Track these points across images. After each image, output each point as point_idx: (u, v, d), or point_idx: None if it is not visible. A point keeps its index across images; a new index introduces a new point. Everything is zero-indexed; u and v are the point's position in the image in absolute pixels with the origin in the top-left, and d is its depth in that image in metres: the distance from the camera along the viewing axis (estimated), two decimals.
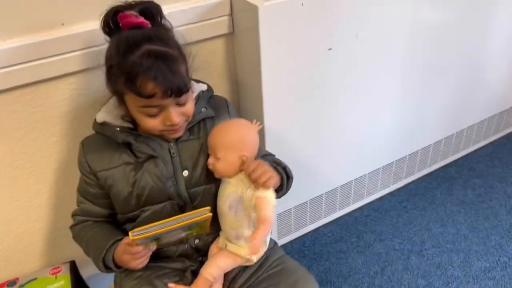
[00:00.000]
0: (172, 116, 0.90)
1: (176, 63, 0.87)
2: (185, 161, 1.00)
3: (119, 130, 0.96)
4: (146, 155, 0.97)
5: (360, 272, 1.58)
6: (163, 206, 1.00)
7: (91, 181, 1.01)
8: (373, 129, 1.65)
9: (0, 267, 1.22)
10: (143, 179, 0.97)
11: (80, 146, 1.02)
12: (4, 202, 1.14)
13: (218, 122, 1.04)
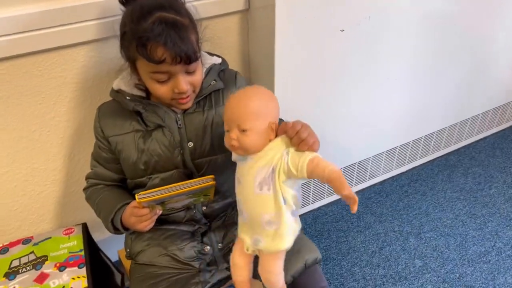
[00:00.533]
0: (181, 83, 0.93)
1: (186, 31, 0.89)
2: (190, 132, 1.03)
3: (129, 99, 1.00)
4: (155, 124, 1.01)
5: (359, 250, 1.63)
6: (170, 174, 1.04)
7: (103, 145, 1.05)
8: (379, 113, 1.69)
9: (15, 226, 1.27)
10: (151, 146, 1.01)
11: (97, 111, 1.06)
12: (21, 164, 1.19)
13: (225, 94, 1.06)
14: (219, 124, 1.05)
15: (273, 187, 0.87)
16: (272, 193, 0.87)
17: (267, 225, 0.89)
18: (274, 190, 0.87)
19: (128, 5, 0.94)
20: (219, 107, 1.05)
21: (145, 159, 1.02)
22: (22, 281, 1.07)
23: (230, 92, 1.06)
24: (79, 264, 1.11)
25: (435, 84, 1.78)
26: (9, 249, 1.15)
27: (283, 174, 0.86)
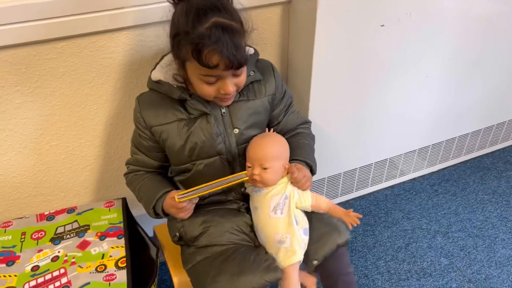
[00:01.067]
0: (228, 86, 0.98)
1: (239, 37, 0.93)
2: (235, 120, 1.09)
3: (176, 87, 1.04)
4: (199, 111, 1.06)
5: (385, 245, 1.65)
6: (213, 160, 1.10)
7: (145, 135, 1.10)
8: (414, 110, 1.69)
9: (60, 197, 1.36)
10: (195, 134, 1.06)
11: (136, 102, 1.10)
12: (70, 138, 1.27)
13: (265, 85, 1.12)
14: (261, 112, 1.13)
15: (287, 211, 1.06)
16: (286, 216, 1.06)
17: (280, 244, 1.06)
18: (287, 214, 1.06)
19: (179, 5, 0.95)
20: (261, 97, 1.12)
21: (190, 146, 1.07)
22: (66, 246, 1.15)
23: (270, 83, 1.13)
24: (118, 235, 1.18)
25: (473, 85, 1.76)
26: (55, 216, 1.24)
27: (294, 199, 1.08)
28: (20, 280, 1.06)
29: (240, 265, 1.04)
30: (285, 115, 1.21)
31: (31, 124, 1.19)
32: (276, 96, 1.16)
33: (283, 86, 1.19)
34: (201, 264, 1.09)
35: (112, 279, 1.06)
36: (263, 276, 1.01)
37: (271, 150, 1.08)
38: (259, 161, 1.06)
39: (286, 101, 1.20)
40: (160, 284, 1.52)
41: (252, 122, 1.11)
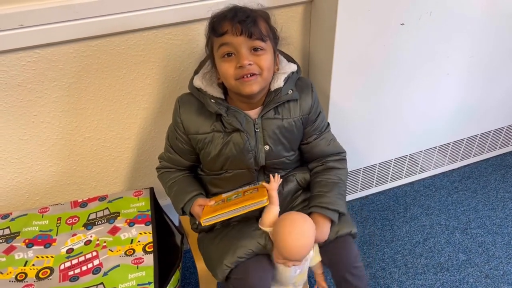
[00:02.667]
0: (243, 56, 1.00)
1: (255, 15, 1.01)
2: (267, 137, 1.12)
3: (214, 102, 1.08)
4: (233, 127, 1.09)
5: (403, 239, 1.68)
6: (242, 172, 1.15)
7: (182, 138, 1.15)
8: (435, 108, 1.71)
9: (92, 186, 1.44)
10: (228, 147, 1.11)
11: (177, 104, 1.14)
12: (102, 131, 1.35)
13: (300, 104, 1.14)
14: (293, 131, 1.15)
15: (304, 270, 1.15)
16: (303, 273, 1.15)
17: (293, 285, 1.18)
18: (304, 271, 1.15)
19: None
20: (296, 117, 1.14)
21: (222, 158, 1.13)
22: (98, 231, 1.23)
23: (306, 102, 1.14)
24: (146, 222, 1.26)
25: (495, 82, 1.76)
26: (88, 204, 1.32)
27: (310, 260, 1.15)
28: (57, 261, 1.15)
29: (242, 231, 1.12)
30: (317, 138, 1.20)
31: (67, 117, 1.27)
32: (310, 116, 1.16)
33: (319, 107, 1.19)
34: (209, 238, 1.18)
35: (140, 263, 1.13)
36: (261, 240, 1.09)
37: (307, 250, 1.06)
38: (287, 259, 1.06)
39: (319, 123, 1.19)
40: (184, 270, 1.59)
41: (283, 140, 1.15)
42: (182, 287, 1.54)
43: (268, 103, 1.10)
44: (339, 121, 1.54)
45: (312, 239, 1.06)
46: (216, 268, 1.11)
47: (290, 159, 1.19)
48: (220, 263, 1.09)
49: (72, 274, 1.11)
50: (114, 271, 1.11)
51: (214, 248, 1.15)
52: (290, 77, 1.12)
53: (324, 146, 1.21)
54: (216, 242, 1.15)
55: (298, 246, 1.03)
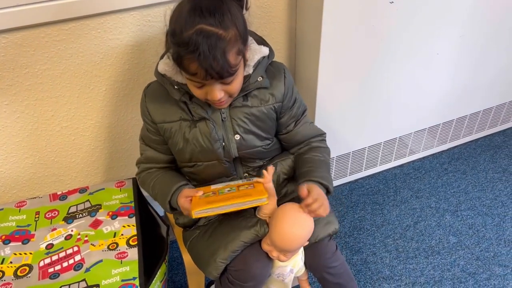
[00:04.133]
0: (214, 93, 0.93)
1: (225, 46, 0.86)
2: (236, 126, 1.06)
3: (177, 88, 1.01)
4: (200, 115, 1.03)
5: (393, 223, 1.66)
6: (212, 163, 1.10)
7: (152, 128, 1.09)
8: (424, 89, 1.67)
9: (72, 177, 1.38)
10: (195, 137, 1.05)
11: (143, 95, 1.09)
12: (80, 120, 1.28)
13: (272, 92, 1.06)
14: (264, 120, 1.08)
15: (288, 281, 1.13)
16: (288, 282, 1.14)
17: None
18: (289, 282, 1.14)
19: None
20: (267, 105, 1.07)
21: (190, 148, 1.07)
22: (79, 225, 1.18)
23: (278, 90, 1.07)
24: (129, 214, 1.21)
25: (485, 62, 1.73)
26: (67, 196, 1.27)
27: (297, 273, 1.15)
28: (36, 258, 1.09)
29: (230, 225, 1.08)
30: (296, 125, 1.14)
31: (42, 105, 1.21)
32: (284, 103, 1.09)
33: (294, 93, 1.12)
34: (197, 237, 1.14)
35: (124, 257, 1.09)
36: (251, 230, 1.05)
37: (300, 244, 1.05)
38: (282, 250, 1.03)
39: (296, 110, 1.13)
40: (171, 261, 1.55)
41: (255, 129, 1.08)
42: (169, 278, 1.50)
43: None
44: (328, 104, 1.50)
45: (308, 234, 1.03)
46: (209, 266, 1.07)
47: (266, 148, 1.13)
48: (212, 261, 1.06)
49: (53, 271, 1.06)
50: (96, 267, 1.06)
51: (203, 245, 1.11)
52: (260, 63, 1.04)
53: (305, 130, 1.16)
54: (205, 239, 1.11)
55: (294, 236, 1.00)
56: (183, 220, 1.17)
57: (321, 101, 1.48)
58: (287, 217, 1.01)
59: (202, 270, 1.11)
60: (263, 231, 1.05)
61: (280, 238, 1.00)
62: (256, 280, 1.07)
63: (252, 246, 1.07)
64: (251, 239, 1.06)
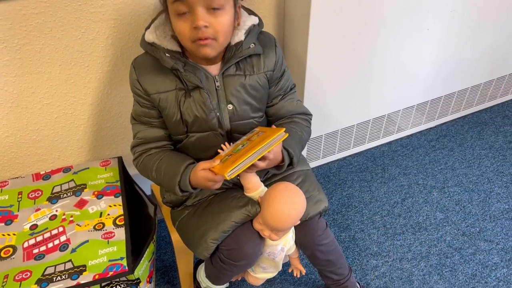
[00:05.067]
0: (198, 17, 0.89)
1: None
2: (230, 95, 1.03)
3: (169, 56, 0.97)
4: (193, 84, 1.00)
5: (381, 200, 1.67)
6: (206, 135, 1.05)
7: (145, 101, 1.04)
8: (414, 65, 1.66)
9: (55, 157, 1.35)
10: (190, 106, 1.01)
11: (131, 68, 1.03)
12: (62, 97, 1.24)
13: (264, 60, 1.04)
14: (258, 89, 1.06)
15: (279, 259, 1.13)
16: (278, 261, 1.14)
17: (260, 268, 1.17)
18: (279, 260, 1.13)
19: None
20: (260, 73, 1.04)
21: (185, 117, 1.03)
22: (63, 205, 1.15)
23: (270, 58, 1.05)
24: (115, 193, 1.18)
25: (474, 38, 1.72)
26: (51, 176, 1.23)
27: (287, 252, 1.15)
28: (19, 239, 1.07)
29: (220, 205, 1.07)
30: (282, 99, 1.12)
31: (21, 82, 1.16)
32: (274, 73, 1.07)
33: (283, 65, 1.10)
34: (186, 217, 1.12)
35: (111, 237, 1.07)
36: (242, 210, 1.04)
37: (292, 224, 1.03)
38: (274, 229, 1.02)
39: (284, 83, 1.11)
40: (159, 240, 1.54)
41: (249, 99, 1.05)
42: (157, 257, 1.49)
43: (228, 58, 1.01)
44: (317, 81, 1.48)
45: (300, 214, 1.03)
46: (199, 246, 1.06)
47: (257, 121, 1.10)
48: (203, 241, 1.05)
49: (37, 252, 1.04)
50: (83, 247, 1.05)
51: (193, 225, 1.09)
52: (251, 30, 1.02)
53: (290, 106, 1.13)
54: (195, 220, 1.09)
55: (286, 215, 0.99)
56: (170, 198, 1.15)
57: (310, 79, 1.45)
58: (280, 197, 1.00)
59: (193, 250, 1.10)
60: (255, 211, 1.04)
61: (273, 218, 0.99)
62: (248, 259, 1.06)
63: (244, 226, 1.06)
64: (242, 219, 1.05)
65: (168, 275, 1.44)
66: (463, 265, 1.44)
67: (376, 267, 1.44)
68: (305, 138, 1.12)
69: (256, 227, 1.05)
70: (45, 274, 0.99)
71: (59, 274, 0.99)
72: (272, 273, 1.19)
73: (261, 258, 1.12)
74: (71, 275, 0.98)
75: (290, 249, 1.14)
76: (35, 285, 0.96)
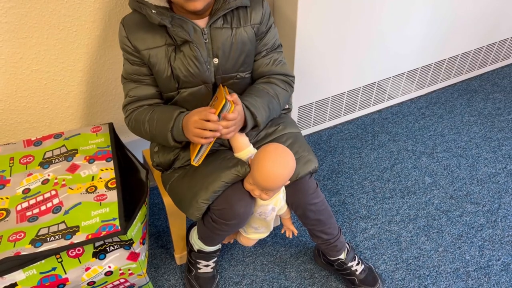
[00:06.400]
0: None
1: None
2: (216, 48, 1.04)
3: (156, 12, 0.98)
4: (182, 39, 1.00)
5: (371, 166, 1.69)
6: (198, 88, 1.07)
7: (135, 58, 1.05)
8: (403, 32, 1.66)
9: (46, 124, 1.35)
10: (181, 61, 1.02)
11: (121, 26, 1.04)
12: (50, 63, 1.23)
13: (251, 12, 1.05)
14: (246, 42, 1.06)
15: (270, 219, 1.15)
16: (270, 220, 1.16)
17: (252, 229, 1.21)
18: (271, 220, 1.16)
19: None
20: (246, 26, 1.06)
21: (176, 73, 1.04)
22: (55, 170, 1.16)
23: (256, 11, 1.06)
24: (106, 158, 1.19)
25: (463, 4, 1.72)
26: (42, 142, 1.24)
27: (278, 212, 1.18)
28: (12, 202, 1.08)
29: (210, 167, 1.08)
30: (264, 56, 1.12)
31: (9, 47, 1.15)
32: (261, 26, 1.08)
33: (270, 20, 1.11)
34: (177, 179, 1.14)
35: (103, 199, 1.08)
36: (232, 170, 1.05)
37: (282, 183, 1.04)
38: (265, 189, 1.04)
39: (269, 39, 1.11)
40: (153, 206, 1.56)
41: (234, 52, 1.06)
42: (151, 223, 1.51)
43: (216, 10, 1.01)
44: (306, 49, 1.48)
45: (289, 173, 1.04)
46: (191, 207, 1.08)
47: (242, 76, 1.11)
48: (194, 202, 1.06)
49: (31, 215, 1.05)
50: (75, 209, 1.06)
51: (184, 187, 1.11)
52: None
53: (272, 65, 1.13)
54: (185, 182, 1.11)
55: (277, 175, 1.01)
56: (159, 160, 1.16)
57: (300, 46, 1.45)
58: (269, 157, 1.02)
59: (184, 212, 1.12)
60: (244, 171, 1.06)
61: (263, 178, 1.01)
62: (240, 218, 1.08)
63: (234, 186, 1.07)
64: (232, 179, 1.06)
65: (161, 239, 1.47)
66: (450, 226, 1.48)
67: (365, 230, 1.48)
68: (277, 101, 1.12)
69: (247, 187, 1.06)
70: (38, 235, 1.00)
71: (53, 235, 1.00)
72: (264, 233, 1.21)
73: (253, 218, 1.15)
74: (64, 235, 1.00)
75: (281, 209, 1.17)
76: (29, 245, 0.98)
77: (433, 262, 1.38)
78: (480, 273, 1.35)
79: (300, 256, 1.41)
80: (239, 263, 1.40)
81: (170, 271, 1.38)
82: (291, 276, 1.36)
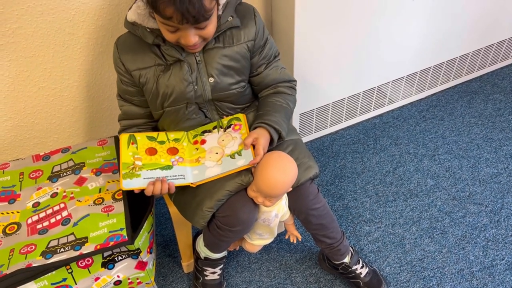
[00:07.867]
0: (188, 37, 0.97)
1: None
2: (210, 68, 1.08)
3: (149, 31, 1.03)
4: (174, 58, 1.05)
5: (373, 170, 1.71)
6: (180, 107, 1.12)
7: (126, 79, 1.11)
8: (401, 37, 1.68)
9: (54, 139, 1.39)
10: (169, 80, 1.07)
11: (114, 46, 1.10)
12: (57, 79, 1.27)
13: (244, 30, 1.09)
14: (239, 60, 1.10)
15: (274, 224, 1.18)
16: (273, 226, 1.19)
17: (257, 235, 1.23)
18: (274, 226, 1.19)
19: None
20: (239, 44, 1.09)
21: (162, 91, 1.09)
22: (63, 183, 1.19)
23: (249, 28, 1.09)
24: (113, 170, 1.22)
25: (460, 7, 1.74)
26: (50, 156, 1.27)
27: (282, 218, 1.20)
28: (23, 216, 1.12)
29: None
30: (267, 67, 1.17)
31: (16, 66, 1.19)
32: (256, 42, 1.12)
33: (265, 33, 1.14)
34: (181, 190, 1.17)
35: (110, 210, 1.11)
36: (236, 179, 1.09)
37: (284, 190, 1.08)
38: (268, 196, 1.07)
39: (268, 51, 1.16)
40: (159, 216, 1.59)
41: (229, 71, 1.10)
42: (158, 233, 1.54)
43: None
44: (306, 56, 1.51)
45: (292, 180, 1.07)
46: (196, 215, 1.11)
47: (239, 91, 1.15)
48: (199, 210, 1.09)
49: (41, 227, 1.09)
50: (84, 221, 1.09)
51: (188, 197, 1.14)
52: (229, 2, 1.06)
53: (275, 74, 1.18)
54: (190, 192, 1.14)
55: (279, 182, 1.04)
56: None
57: (299, 53, 1.48)
58: (272, 165, 1.05)
59: (189, 220, 1.15)
60: (247, 180, 1.09)
61: (266, 185, 1.04)
62: (244, 224, 1.11)
63: (238, 193, 1.11)
64: (236, 188, 1.09)
65: (169, 248, 1.49)
66: (453, 227, 1.49)
67: (369, 233, 1.49)
68: (290, 108, 1.18)
69: (250, 194, 1.09)
70: (49, 247, 1.03)
71: (63, 246, 1.03)
72: (268, 239, 1.24)
73: (257, 225, 1.17)
74: (73, 247, 1.03)
75: (284, 215, 1.19)
76: (40, 257, 1.01)
77: (437, 263, 1.39)
78: (485, 273, 1.36)
79: (305, 261, 1.43)
80: (245, 270, 1.42)
81: (178, 279, 1.41)
82: (297, 281, 1.38)
